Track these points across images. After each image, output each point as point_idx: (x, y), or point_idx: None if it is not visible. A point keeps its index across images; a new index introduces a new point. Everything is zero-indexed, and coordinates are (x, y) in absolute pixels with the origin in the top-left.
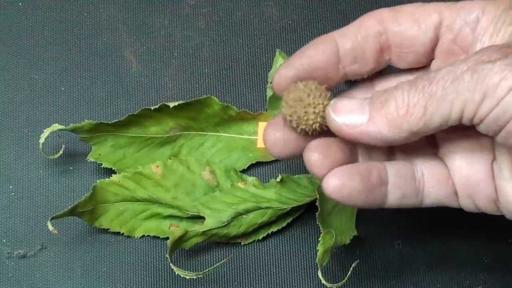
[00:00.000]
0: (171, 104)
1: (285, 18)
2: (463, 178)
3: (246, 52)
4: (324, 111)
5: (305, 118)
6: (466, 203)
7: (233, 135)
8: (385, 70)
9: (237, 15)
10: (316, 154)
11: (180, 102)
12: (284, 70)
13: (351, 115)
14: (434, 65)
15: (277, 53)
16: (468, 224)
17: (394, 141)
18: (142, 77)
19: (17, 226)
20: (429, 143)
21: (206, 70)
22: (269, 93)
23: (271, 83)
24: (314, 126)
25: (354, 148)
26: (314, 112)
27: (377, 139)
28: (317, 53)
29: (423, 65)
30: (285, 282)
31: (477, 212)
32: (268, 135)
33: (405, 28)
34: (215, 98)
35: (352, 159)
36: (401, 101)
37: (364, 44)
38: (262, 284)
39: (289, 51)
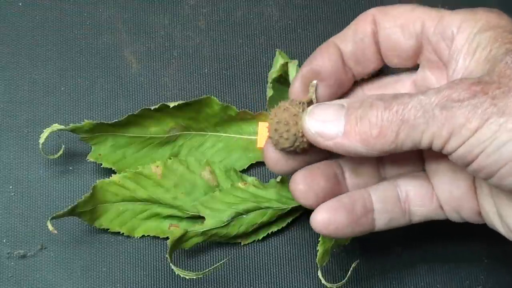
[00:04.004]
0: (171, 104)
1: (285, 18)
2: (447, 193)
3: (246, 52)
4: (289, 130)
5: (275, 140)
6: (452, 216)
7: (233, 135)
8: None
9: (237, 15)
10: (300, 186)
11: (180, 102)
12: (297, 84)
13: (326, 124)
14: (419, 74)
15: (277, 53)
16: (468, 224)
17: (367, 155)
18: (142, 77)
19: (17, 226)
20: (416, 156)
21: (206, 70)
22: (269, 93)
23: (271, 83)
24: (292, 149)
25: (339, 171)
26: (281, 136)
27: (350, 152)
28: (324, 61)
29: (409, 67)
30: (285, 282)
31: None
32: (267, 153)
33: (390, 32)
34: (215, 98)
35: (337, 184)
36: (375, 121)
37: (363, 46)
38: (262, 284)
39: (289, 51)
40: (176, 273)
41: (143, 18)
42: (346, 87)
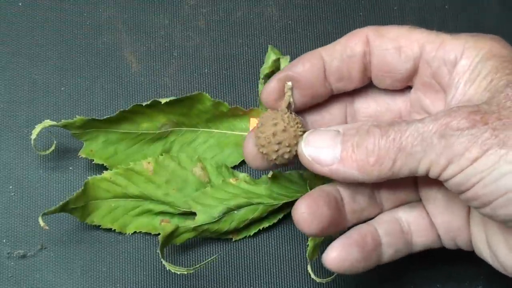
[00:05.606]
0: (163, 100)
1: (285, 18)
2: (445, 223)
3: (246, 52)
4: (291, 151)
5: (275, 159)
6: (449, 245)
7: (225, 131)
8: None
9: (237, 15)
10: (305, 215)
11: (172, 98)
12: (273, 84)
13: (322, 151)
14: (413, 95)
15: (269, 49)
16: None
17: (363, 182)
18: (142, 77)
19: (17, 226)
20: (411, 182)
21: (206, 70)
22: (261, 88)
23: (262, 78)
24: (283, 162)
25: (339, 197)
26: (282, 156)
27: (347, 178)
28: (305, 70)
29: (399, 89)
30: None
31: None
32: (247, 149)
33: (386, 54)
34: (207, 94)
35: (338, 211)
36: (372, 149)
37: (350, 64)
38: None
39: (289, 51)
40: (167, 268)
41: (143, 18)
42: (322, 99)
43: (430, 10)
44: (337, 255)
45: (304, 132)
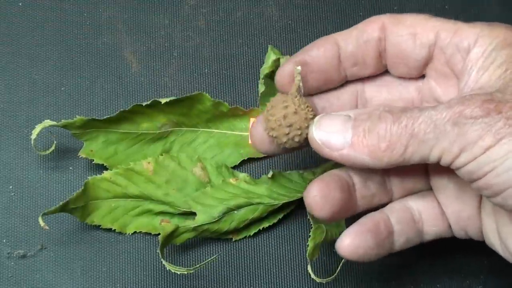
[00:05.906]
0: (163, 100)
1: (285, 18)
2: (455, 213)
3: (246, 52)
4: (301, 134)
5: (285, 142)
6: (459, 234)
7: (225, 131)
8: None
9: (237, 15)
10: (317, 198)
11: (172, 98)
12: (289, 67)
13: (333, 135)
14: (425, 84)
15: (269, 48)
16: None
17: (374, 167)
18: (142, 77)
19: (17, 226)
20: (421, 169)
21: (206, 70)
22: (261, 88)
23: (263, 79)
24: (293, 145)
25: (351, 181)
26: (293, 139)
27: (356, 164)
28: (319, 55)
29: (414, 77)
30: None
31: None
32: (255, 132)
33: (401, 40)
34: (207, 94)
35: (350, 195)
36: (384, 135)
37: (365, 49)
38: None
39: (289, 51)
40: (167, 268)
41: (143, 18)
42: (335, 84)
43: (430, 11)
44: (351, 242)
45: (314, 115)
